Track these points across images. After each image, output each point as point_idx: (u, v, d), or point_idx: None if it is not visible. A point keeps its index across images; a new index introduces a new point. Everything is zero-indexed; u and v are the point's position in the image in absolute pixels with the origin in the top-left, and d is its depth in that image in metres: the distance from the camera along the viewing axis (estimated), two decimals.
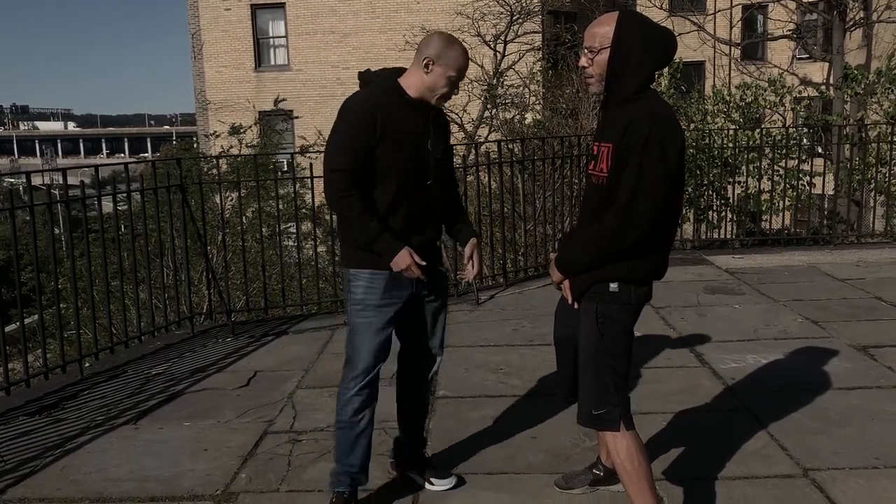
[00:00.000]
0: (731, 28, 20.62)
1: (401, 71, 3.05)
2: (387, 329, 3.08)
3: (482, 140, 11.41)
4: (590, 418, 2.79)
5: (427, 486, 3.34)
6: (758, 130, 9.38)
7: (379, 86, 3.01)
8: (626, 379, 2.79)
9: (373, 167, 2.93)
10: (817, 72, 19.55)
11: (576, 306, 2.81)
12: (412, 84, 2.98)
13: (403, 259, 2.95)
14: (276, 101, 15.30)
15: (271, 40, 24.38)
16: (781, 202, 9.14)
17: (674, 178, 2.62)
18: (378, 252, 2.95)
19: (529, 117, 13.93)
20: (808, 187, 9.62)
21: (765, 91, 10.73)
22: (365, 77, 3.06)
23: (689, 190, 9.05)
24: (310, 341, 5.56)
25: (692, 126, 10.33)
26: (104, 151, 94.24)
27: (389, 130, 2.91)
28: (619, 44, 2.62)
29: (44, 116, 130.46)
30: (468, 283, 3.13)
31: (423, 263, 3.00)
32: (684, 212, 9.00)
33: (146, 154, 77.99)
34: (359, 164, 2.90)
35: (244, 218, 7.08)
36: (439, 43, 2.96)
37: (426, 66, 2.95)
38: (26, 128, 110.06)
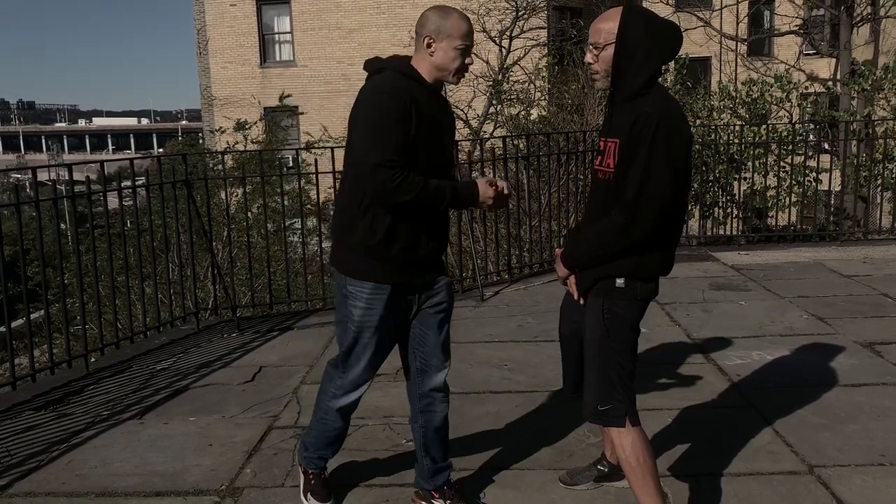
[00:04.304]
0: (738, 23, 20.53)
1: (409, 59, 2.84)
2: (385, 348, 2.96)
3: (487, 136, 11.40)
4: (595, 414, 2.78)
5: None
6: (764, 126, 9.35)
7: (399, 71, 2.76)
8: (632, 375, 2.78)
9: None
10: (824, 67, 19.47)
11: (581, 302, 2.80)
12: (424, 70, 2.77)
13: (486, 193, 2.82)
14: (282, 97, 15.29)
15: (276, 36, 24.37)
16: (787, 198, 9.11)
17: (681, 173, 2.62)
18: (465, 200, 2.84)
19: (535, 113, 13.90)
20: (814, 184, 9.59)
21: (771, 87, 10.67)
22: (375, 65, 2.82)
23: (695, 186, 9.02)
24: (315, 337, 5.56)
25: (698, 122, 10.29)
26: (110, 147, 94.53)
27: (418, 121, 2.69)
28: (624, 39, 2.61)
29: (50, 113, 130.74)
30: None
31: (504, 184, 2.87)
32: (690, 208, 8.98)
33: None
34: (401, 158, 2.64)
35: (249, 214, 7.08)
36: (434, 17, 2.74)
37: (428, 45, 2.74)
38: (84, 123, 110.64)
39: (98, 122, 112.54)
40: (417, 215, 2.77)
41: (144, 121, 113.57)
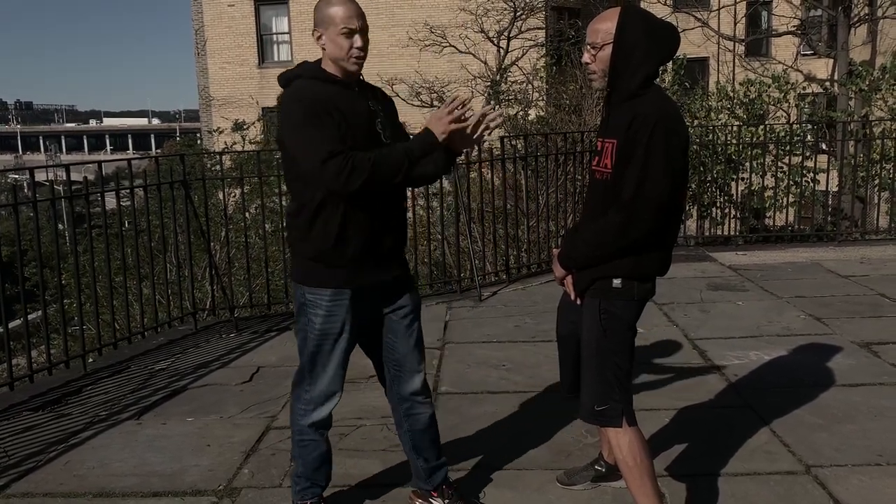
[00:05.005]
0: (736, 24, 20.55)
1: (319, 62, 2.79)
2: (348, 355, 2.86)
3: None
4: (592, 414, 2.79)
5: None
6: (762, 127, 9.36)
7: (310, 76, 2.72)
8: (629, 375, 2.78)
9: None
10: (822, 68, 19.52)
11: (578, 302, 2.81)
12: (330, 67, 2.72)
13: (441, 127, 2.65)
14: (279, 98, 15.28)
15: (275, 36, 24.37)
16: (785, 199, 9.12)
17: (678, 174, 2.62)
18: (426, 151, 2.66)
19: (533, 113, 13.91)
20: (811, 184, 9.60)
21: (769, 87, 10.70)
22: (286, 77, 2.79)
23: (693, 186, 9.03)
24: None
25: (696, 122, 10.31)
26: (108, 147, 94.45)
27: (341, 121, 2.60)
28: (622, 39, 2.62)
29: (48, 113, 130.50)
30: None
31: (466, 106, 2.70)
32: (688, 208, 8.99)
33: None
34: (341, 144, 2.55)
35: (247, 214, 7.07)
36: (317, 10, 2.68)
37: (319, 39, 2.68)
38: (95, 123, 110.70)
39: (108, 122, 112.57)
40: (370, 212, 2.68)
41: (155, 121, 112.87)
